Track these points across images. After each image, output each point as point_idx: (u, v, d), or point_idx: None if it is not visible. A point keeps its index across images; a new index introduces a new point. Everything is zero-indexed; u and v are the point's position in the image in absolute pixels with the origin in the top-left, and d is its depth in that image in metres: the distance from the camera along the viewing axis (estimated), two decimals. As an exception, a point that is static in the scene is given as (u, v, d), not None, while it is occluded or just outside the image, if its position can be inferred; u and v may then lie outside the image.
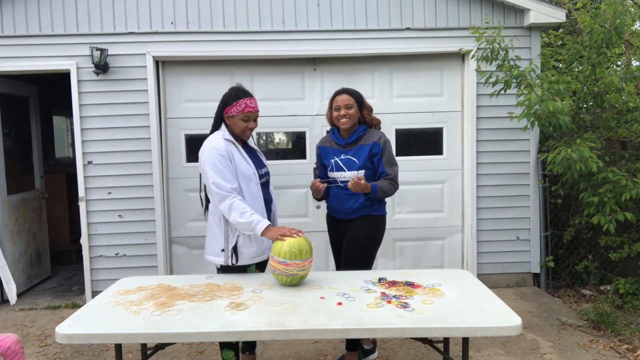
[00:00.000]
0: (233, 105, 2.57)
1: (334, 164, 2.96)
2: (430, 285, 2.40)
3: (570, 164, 3.71)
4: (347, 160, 2.92)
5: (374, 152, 2.89)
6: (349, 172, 2.90)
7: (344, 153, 2.95)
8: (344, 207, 2.93)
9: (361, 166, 2.89)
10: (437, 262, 4.72)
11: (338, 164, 2.95)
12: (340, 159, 2.95)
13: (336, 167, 2.95)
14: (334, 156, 2.98)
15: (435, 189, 4.65)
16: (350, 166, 2.91)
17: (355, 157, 2.91)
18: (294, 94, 4.53)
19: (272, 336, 1.95)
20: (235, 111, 2.57)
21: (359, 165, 2.89)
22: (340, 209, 2.96)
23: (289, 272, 2.34)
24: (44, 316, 4.17)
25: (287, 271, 2.34)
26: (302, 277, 2.41)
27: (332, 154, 3.00)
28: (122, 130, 4.32)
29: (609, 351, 3.32)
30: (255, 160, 2.69)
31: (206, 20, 4.32)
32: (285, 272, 2.34)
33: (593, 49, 4.21)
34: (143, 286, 2.47)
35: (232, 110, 2.58)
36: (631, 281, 4.17)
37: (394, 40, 4.42)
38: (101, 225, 4.37)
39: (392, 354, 3.33)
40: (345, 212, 2.93)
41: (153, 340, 2.00)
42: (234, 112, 2.57)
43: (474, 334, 1.94)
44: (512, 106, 4.30)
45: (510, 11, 4.48)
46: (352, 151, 2.93)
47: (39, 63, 4.25)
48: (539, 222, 4.60)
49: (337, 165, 2.95)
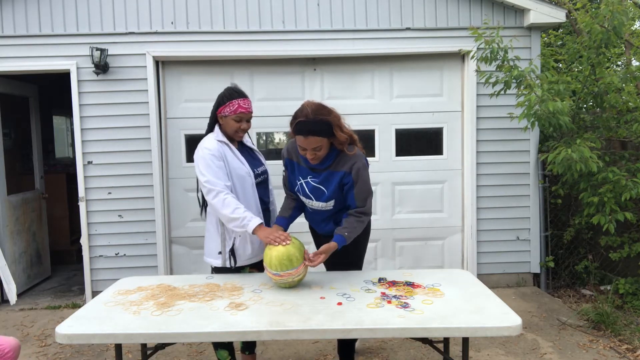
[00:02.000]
0: (226, 105, 2.57)
1: (300, 187, 2.61)
2: (430, 285, 2.40)
3: (570, 164, 3.71)
4: (316, 188, 2.57)
5: (344, 182, 2.51)
6: (316, 202, 2.59)
7: (311, 176, 2.57)
8: (319, 228, 2.73)
9: (330, 196, 2.55)
10: (437, 262, 4.72)
11: (305, 190, 2.60)
12: (307, 182, 2.59)
13: (303, 193, 2.62)
14: (299, 177, 2.61)
15: (435, 189, 4.65)
16: (318, 196, 2.57)
17: (323, 186, 2.55)
18: (294, 94, 4.53)
19: (272, 336, 1.95)
20: (228, 111, 2.57)
21: (327, 196, 2.55)
22: (317, 228, 2.76)
23: (285, 280, 2.35)
24: (44, 316, 4.16)
25: (282, 280, 2.35)
26: (300, 279, 2.41)
27: (298, 172, 2.62)
28: (122, 130, 4.32)
29: (609, 351, 3.32)
30: (251, 160, 2.70)
31: (206, 20, 4.32)
32: (281, 281, 2.35)
33: (592, 49, 4.21)
34: (143, 286, 2.47)
35: (225, 110, 2.58)
36: (631, 281, 4.17)
37: (394, 40, 4.43)
38: (101, 225, 4.37)
39: (392, 354, 3.33)
40: (323, 231, 2.71)
41: (153, 340, 2.00)
42: (227, 112, 2.57)
43: (474, 334, 1.94)
44: (512, 106, 4.30)
45: (510, 11, 4.48)
46: (320, 176, 2.55)
47: (39, 63, 4.25)
48: (539, 222, 4.60)
49: (304, 191, 2.61)
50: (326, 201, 2.57)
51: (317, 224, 2.75)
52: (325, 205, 2.60)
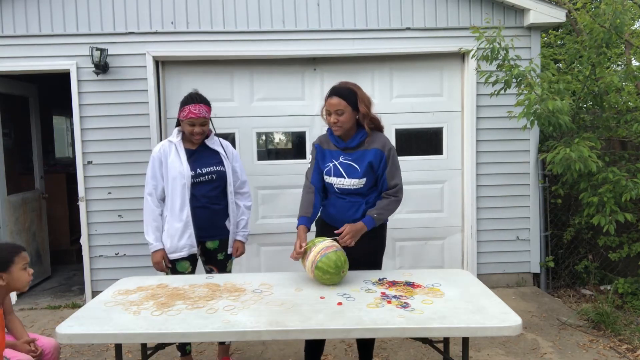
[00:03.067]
0: (181, 111, 2.80)
1: (332, 167, 2.69)
2: (430, 285, 2.40)
3: (569, 164, 3.71)
4: (348, 166, 2.65)
5: (376, 161, 2.61)
6: (349, 180, 2.64)
7: (343, 156, 2.67)
8: (344, 217, 2.67)
9: (362, 174, 2.62)
10: (437, 262, 4.72)
11: (337, 168, 2.67)
12: (340, 162, 2.67)
13: (335, 172, 2.68)
14: (332, 159, 2.70)
15: (435, 189, 4.65)
16: (350, 173, 2.64)
17: (356, 164, 2.63)
18: (294, 94, 4.53)
19: (272, 336, 1.95)
20: (182, 116, 2.79)
21: (360, 174, 2.62)
22: (340, 219, 2.68)
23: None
24: (44, 316, 4.17)
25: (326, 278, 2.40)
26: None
27: (330, 156, 2.71)
28: (122, 130, 4.32)
29: (609, 351, 3.32)
30: (200, 161, 2.85)
31: (206, 20, 4.32)
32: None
33: (593, 48, 4.21)
34: (143, 286, 2.47)
35: (180, 114, 2.80)
36: (631, 281, 4.17)
37: (394, 40, 4.43)
38: (101, 225, 4.37)
39: (392, 354, 3.33)
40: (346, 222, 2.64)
41: (153, 340, 2.00)
42: (181, 117, 2.80)
43: (474, 334, 1.94)
44: (512, 106, 4.30)
45: (510, 11, 4.48)
46: (353, 155, 2.65)
47: (39, 63, 4.25)
48: (539, 222, 4.60)
49: (337, 170, 2.68)
50: (359, 178, 2.62)
51: (344, 212, 2.69)
52: (357, 183, 2.63)
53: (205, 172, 2.84)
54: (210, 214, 2.87)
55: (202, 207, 2.84)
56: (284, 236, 4.52)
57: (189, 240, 2.80)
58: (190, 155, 2.83)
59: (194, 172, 2.80)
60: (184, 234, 2.79)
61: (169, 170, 2.79)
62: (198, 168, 2.82)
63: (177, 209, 2.78)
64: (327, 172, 2.71)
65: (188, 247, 2.81)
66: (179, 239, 2.79)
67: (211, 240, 2.92)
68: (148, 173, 2.84)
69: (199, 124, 2.78)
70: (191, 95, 2.82)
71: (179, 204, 2.78)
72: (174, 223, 2.79)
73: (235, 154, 3.04)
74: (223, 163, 2.91)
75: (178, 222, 2.78)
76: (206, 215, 2.85)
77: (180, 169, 2.78)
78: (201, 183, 2.82)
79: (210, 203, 2.87)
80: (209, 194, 2.86)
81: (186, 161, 2.80)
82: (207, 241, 2.91)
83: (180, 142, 2.84)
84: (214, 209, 2.89)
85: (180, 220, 2.78)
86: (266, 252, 4.61)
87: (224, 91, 4.49)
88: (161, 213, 2.86)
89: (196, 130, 2.78)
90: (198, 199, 2.82)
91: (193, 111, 2.75)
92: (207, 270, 3.00)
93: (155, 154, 2.83)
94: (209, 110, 2.84)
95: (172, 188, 2.78)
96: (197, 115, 2.75)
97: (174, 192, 2.78)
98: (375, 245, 2.77)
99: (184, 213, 2.78)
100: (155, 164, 2.82)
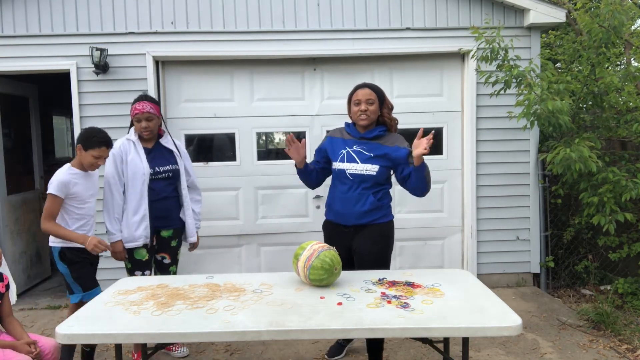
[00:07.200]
0: (131, 111, 3.06)
1: (345, 154, 2.77)
2: (431, 285, 2.40)
3: (569, 164, 3.71)
4: (361, 153, 2.74)
5: (393, 152, 2.71)
6: (361, 165, 2.71)
7: (357, 144, 2.77)
8: (352, 210, 2.72)
9: (376, 161, 2.70)
10: (437, 262, 4.72)
11: (350, 154, 2.76)
12: (353, 150, 2.76)
13: (348, 158, 2.76)
14: (345, 147, 2.79)
15: (435, 189, 4.65)
16: (363, 159, 2.72)
17: (371, 152, 2.73)
18: (294, 94, 4.53)
19: (272, 336, 1.95)
20: (131, 115, 3.07)
21: (373, 160, 2.71)
22: (346, 213, 2.74)
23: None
24: (44, 316, 4.17)
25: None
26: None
27: (343, 144, 2.81)
28: (122, 130, 4.29)
29: (608, 351, 3.32)
30: (158, 159, 3.10)
31: (206, 20, 4.32)
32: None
33: (592, 48, 4.21)
34: (143, 286, 2.47)
35: (131, 115, 3.07)
36: (631, 281, 4.17)
37: (393, 40, 4.43)
38: (101, 225, 4.35)
39: (392, 354, 3.33)
40: (353, 216, 2.73)
41: (153, 340, 2.00)
42: (131, 116, 3.07)
43: (474, 334, 1.94)
44: (511, 106, 4.30)
45: (510, 11, 4.48)
46: (368, 145, 2.75)
47: (39, 63, 4.25)
48: (539, 222, 4.60)
49: (350, 156, 2.76)
50: (372, 164, 2.71)
51: (351, 205, 2.72)
52: (369, 169, 2.71)
53: (163, 170, 3.12)
54: (166, 206, 3.15)
55: (159, 200, 3.11)
56: (284, 236, 4.52)
57: (144, 231, 3.04)
58: (148, 154, 3.09)
59: (152, 170, 3.06)
60: (141, 225, 3.03)
61: (128, 167, 3.01)
62: (156, 166, 3.09)
63: (135, 202, 3.02)
64: (340, 159, 2.80)
65: (144, 238, 3.05)
66: (136, 230, 3.02)
67: (166, 230, 3.19)
68: (110, 169, 3.00)
69: (145, 119, 3.02)
70: (139, 96, 3.09)
71: (137, 198, 3.02)
72: (132, 216, 3.02)
73: (186, 154, 3.33)
74: (177, 162, 3.19)
75: (136, 215, 3.02)
76: (162, 207, 3.13)
77: (140, 166, 3.02)
78: (158, 179, 3.09)
79: (166, 197, 3.14)
80: (165, 189, 3.14)
81: (145, 159, 3.05)
82: (162, 230, 3.18)
83: (138, 140, 3.08)
84: (169, 202, 3.17)
85: (138, 213, 3.02)
86: (266, 252, 4.61)
87: (224, 91, 4.50)
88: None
89: (142, 125, 3.02)
90: (157, 193, 3.09)
91: (137, 108, 3.01)
92: (157, 259, 3.24)
93: (116, 151, 3.00)
94: (155, 108, 3.06)
95: (132, 184, 3.01)
96: (141, 110, 3.00)
97: (133, 188, 3.01)
98: (384, 244, 2.79)
99: (142, 207, 3.03)
100: (117, 160, 3.01)
